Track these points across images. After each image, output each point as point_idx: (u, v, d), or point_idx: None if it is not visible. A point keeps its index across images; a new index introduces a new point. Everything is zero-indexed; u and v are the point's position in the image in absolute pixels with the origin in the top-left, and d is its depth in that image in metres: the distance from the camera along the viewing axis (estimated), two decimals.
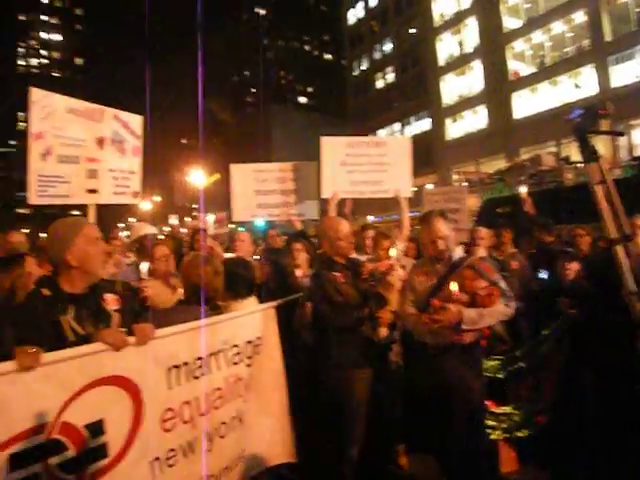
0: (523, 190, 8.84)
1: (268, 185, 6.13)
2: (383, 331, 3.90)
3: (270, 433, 3.82)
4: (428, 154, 39.40)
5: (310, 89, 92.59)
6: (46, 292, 2.68)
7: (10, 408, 2.21)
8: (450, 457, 3.53)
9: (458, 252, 3.97)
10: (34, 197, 3.79)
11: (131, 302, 3.16)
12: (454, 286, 3.47)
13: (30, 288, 2.87)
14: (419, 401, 3.60)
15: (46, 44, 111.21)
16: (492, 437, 4.09)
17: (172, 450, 2.97)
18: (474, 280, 3.57)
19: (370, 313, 3.92)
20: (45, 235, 2.92)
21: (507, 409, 4.37)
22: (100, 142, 4.34)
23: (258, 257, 6.38)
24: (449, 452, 3.52)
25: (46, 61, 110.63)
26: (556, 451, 3.99)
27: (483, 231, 6.52)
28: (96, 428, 2.54)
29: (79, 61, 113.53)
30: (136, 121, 5.05)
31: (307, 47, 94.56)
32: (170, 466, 2.94)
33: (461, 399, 3.50)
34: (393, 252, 4.20)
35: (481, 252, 6.03)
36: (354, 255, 4.45)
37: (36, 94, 3.90)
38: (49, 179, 3.87)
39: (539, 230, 6.79)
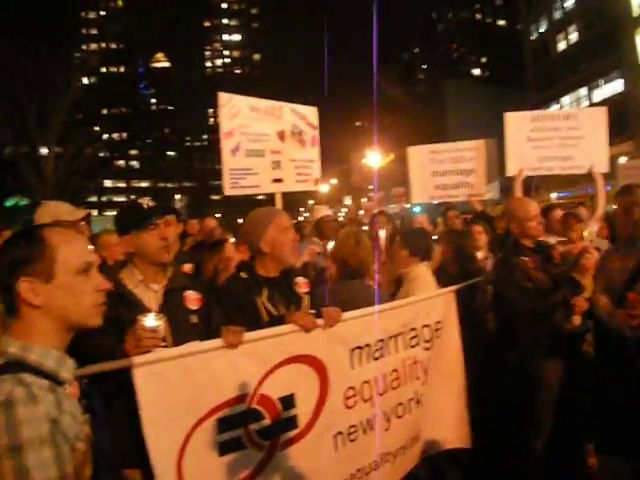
0: None
1: (445, 166, 6.01)
2: (576, 319, 3.61)
3: (447, 417, 3.79)
4: (621, 120, 34.78)
5: (484, 60, 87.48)
6: (244, 275, 2.98)
7: (219, 379, 2.50)
8: None
9: None
10: (228, 189, 4.19)
11: (320, 285, 3.36)
12: None
13: (231, 272, 3.22)
14: (613, 398, 3.27)
15: (227, 45, 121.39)
16: None
17: (353, 426, 3.10)
18: None
19: (563, 300, 3.65)
20: (241, 220, 3.25)
21: None
22: (281, 135, 4.64)
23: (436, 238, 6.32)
24: None
25: (228, 60, 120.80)
26: None
27: None
28: (288, 401, 2.76)
29: (257, 57, 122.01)
30: (312, 113, 5.31)
31: (478, 15, 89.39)
32: (351, 441, 3.08)
33: None
34: (587, 233, 3.85)
35: None
36: (543, 237, 4.17)
37: (223, 98, 4.30)
38: (240, 172, 4.25)
39: None
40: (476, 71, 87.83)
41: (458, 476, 3.91)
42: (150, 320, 2.23)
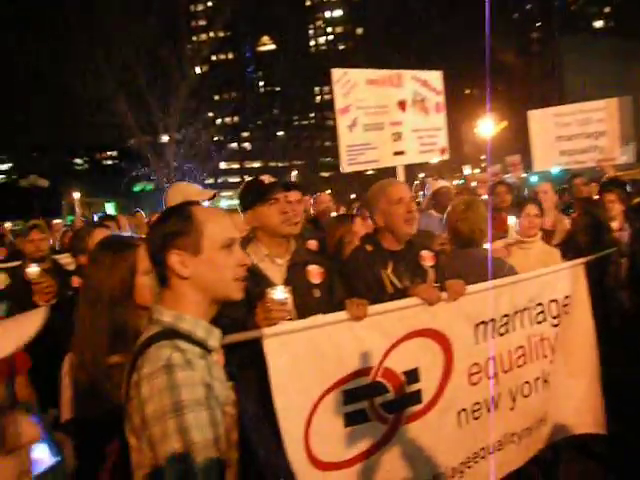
0: None
1: (571, 129, 5.56)
2: None
3: (579, 398, 3.57)
4: None
5: (607, 9, 79.25)
6: (369, 248, 3.01)
7: (344, 351, 2.56)
8: None
9: None
10: (346, 166, 4.17)
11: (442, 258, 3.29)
12: None
13: (355, 245, 3.27)
14: None
15: (330, 21, 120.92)
16: None
17: (477, 403, 3.03)
18: None
19: None
20: (353, 196, 3.26)
21: None
22: (401, 105, 4.49)
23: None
24: None
25: (331, 37, 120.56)
26: None
27: None
28: (412, 375, 2.75)
29: (359, 31, 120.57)
30: (435, 77, 5.03)
31: None
32: (475, 419, 3.02)
33: None
34: None
35: None
36: None
37: (336, 73, 4.24)
38: (357, 148, 4.20)
39: None
40: (598, 23, 79.77)
41: (589, 464, 3.69)
42: (279, 293, 2.31)
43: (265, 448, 1.64)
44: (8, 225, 9.24)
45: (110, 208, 44.38)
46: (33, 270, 2.80)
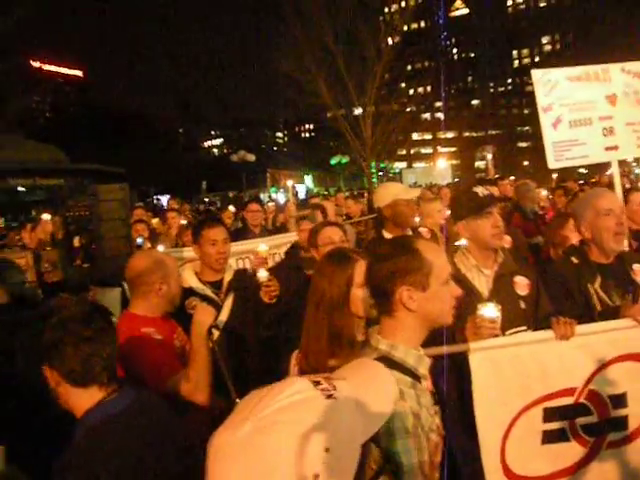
0: None
1: None
2: None
3: None
4: None
5: None
6: (575, 260, 2.90)
7: (548, 369, 2.54)
8: None
9: None
10: (552, 162, 4.03)
11: None
12: None
13: (564, 247, 3.17)
14: None
15: None
16: None
17: None
18: None
19: None
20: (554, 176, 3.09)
21: None
22: (611, 99, 4.16)
23: None
24: None
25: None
26: None
27: None
28: (619, 400, 2.61)
29: None
30: None
31: None
32: None
33: None
34: None
35: None
36: None
37: (536, 74, 4.10)
38: (564, 144, 4.01)
39: None
40: None
41: None
42: (490, 311, 2.36)
43: (466, 464, 1.77)
44: (231, 208, 10.30)
45: (308, 180, 47.41)
46: (263, 275, 3.22)
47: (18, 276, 4.16)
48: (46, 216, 7.57)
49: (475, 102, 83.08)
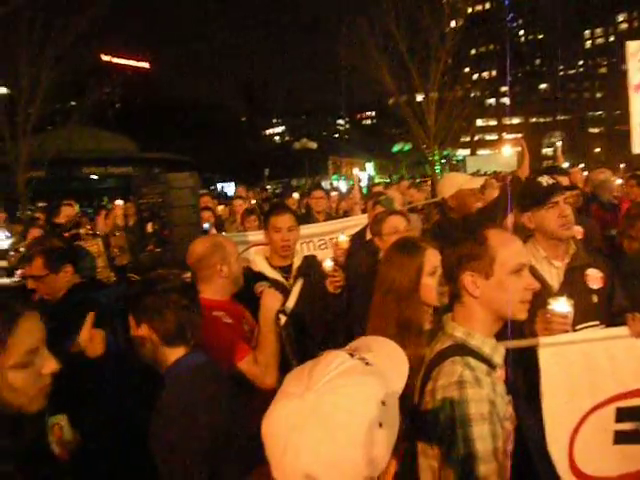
0: None
1: None
2: None
3: None
4: None
5: None
6: None
7: (621, 368, 2.44)
8: None
9: None
10: (637, 147, 3.83)
11: None
12: None
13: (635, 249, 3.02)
14: None
15: None
16: None
17: None
18: None
19: None
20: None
21: None
22: None
23: None
24: None
25: None
26: None
27: None
28: None
29: None
30: None
31: None
32: None
33: None
34: None
35: None
36: None
37: (632, 46, 3.85)
38: None
39: None
40: None
41: None
42: (562, 306, 2.31)
43: (536, 453, 1.76)
44: (295, 196, 10.40)
45: (370, 167, 47.13)
46: (328, 265, 3.27)
47: (91, 262, 4.51)
48: (119, 202, 8.00)
49: (543, 86, 79.59)
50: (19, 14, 16.89)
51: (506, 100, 70.52)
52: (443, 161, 31.21)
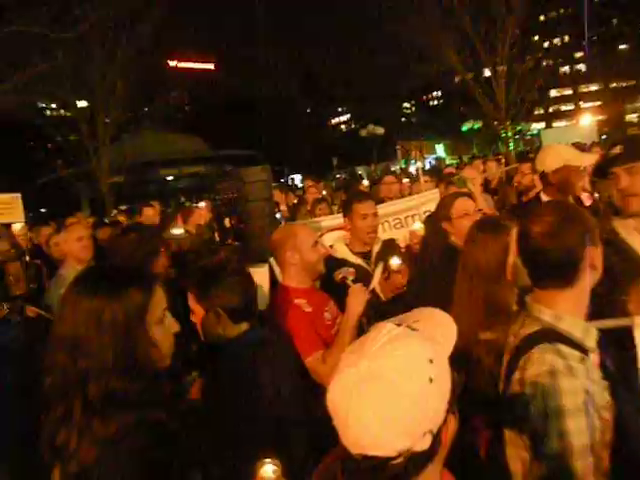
0: None
1: None
2: None
3: None
4: None
5: None
6: None
7: None
8: None
9: None
10: None
11: None
12: None
13: None
14: None
15: None
16: None
17: None
18: None
19: None
20: None
21: None
22: None
23: None
24: None
25: None
26: None
27: None
28: None
29: None
30: None
31: None
32: None
33: None
34: None
35: None
36: None
37: None
38: None
39: None
40: None
41: None
42: None
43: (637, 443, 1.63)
44: (365, 182, 10.31)
45: (440, 149, 45.95)
46: (395, 262, 3.16)
47: None
48: (202, 204, 8.15)
49: (623, 47, 74.25)
50: (87, 36, 17.94)
51: (582, 66, 66.62)
52: (517, 137, 29.95)
